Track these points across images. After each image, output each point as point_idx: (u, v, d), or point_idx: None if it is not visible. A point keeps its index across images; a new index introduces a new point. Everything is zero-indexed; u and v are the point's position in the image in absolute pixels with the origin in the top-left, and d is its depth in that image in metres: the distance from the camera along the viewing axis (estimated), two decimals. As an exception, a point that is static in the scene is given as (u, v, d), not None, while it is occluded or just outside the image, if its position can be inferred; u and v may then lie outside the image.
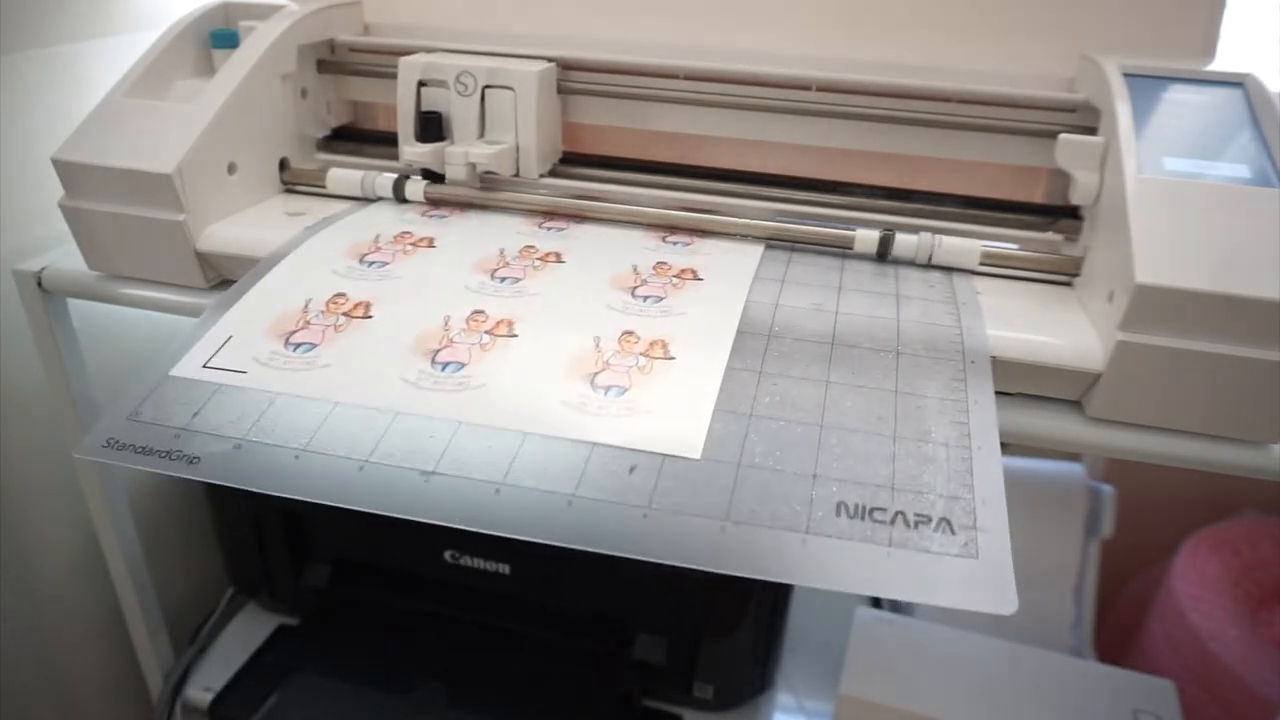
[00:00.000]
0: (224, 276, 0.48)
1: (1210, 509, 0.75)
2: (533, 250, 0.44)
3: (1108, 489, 0.63)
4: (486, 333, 0.38)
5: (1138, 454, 0.38)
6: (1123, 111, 0.41)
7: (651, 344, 0.37)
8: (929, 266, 0.46)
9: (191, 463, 0.34)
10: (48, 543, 0.61)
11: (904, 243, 0.46)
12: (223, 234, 0.47)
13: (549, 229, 0.48)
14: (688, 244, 0.47)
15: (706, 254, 0.46)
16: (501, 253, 0.44)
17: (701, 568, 0.29)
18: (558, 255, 0.44)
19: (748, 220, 0.48)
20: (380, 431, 0.34)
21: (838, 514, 0.30)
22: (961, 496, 0.31)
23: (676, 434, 0.33)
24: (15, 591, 0.59)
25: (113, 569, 0.60)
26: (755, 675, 0.63)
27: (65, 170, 0.46)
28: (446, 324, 0.39)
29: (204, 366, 0.38)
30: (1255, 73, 0.43)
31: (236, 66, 0.49)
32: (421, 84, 0.51)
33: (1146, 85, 0.43)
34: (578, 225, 0.49)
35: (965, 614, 0.28)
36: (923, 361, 0.37)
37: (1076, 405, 0.40)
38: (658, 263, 0.44)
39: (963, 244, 0.45)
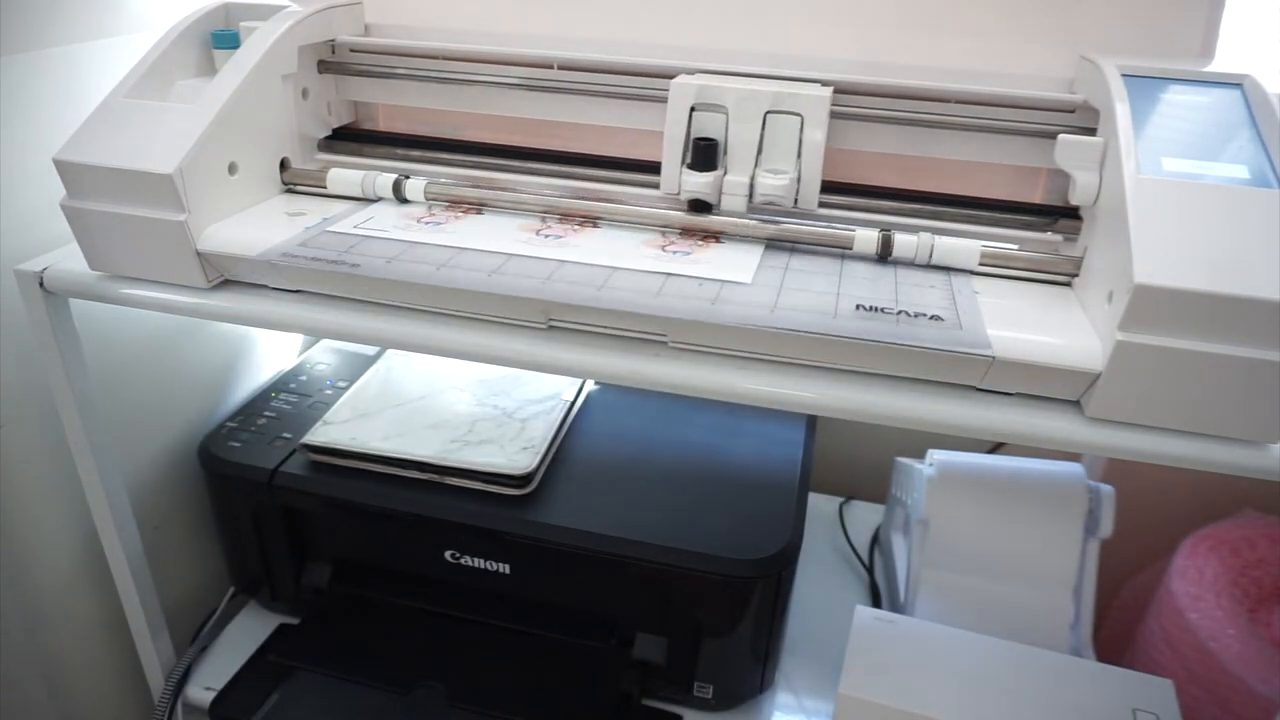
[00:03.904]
0: (225, 276, 0.48)
1: (1210, 509, 0.75)
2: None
3: (1107, 489, 0.63)
4: (576, 225, 0.50)
5: (1137, 454, 0.39)
6: (1122, 112, 0.42)
7: (706, 236, 0.49)
8: (929, 267, 0.46)
9: (354, 267, 0.44)
10: (48, 543, 0.61)
11: (903, 243, 0.46)
12: (223, 234, 0.47)
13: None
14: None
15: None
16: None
17: (761, 326, 0.40)
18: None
19: (746, 219, 0.49)
20: (501, 262, 0.45)
21: (856, 309, 0.41)
22: (947, 308, 0.42)
23: (731, 273, 0.45)
24: (15, 591, 0.59)
25: (113, 569, 0.60)
26: (755, 675, 0.63)
27: (67, 170, 0.46)
28: (544, 219, 0.51)
29: (355, 227, 0.49)
30: (1254, 73, 0.44)
31: (238, 67, 0.49)
32: (692, 109, 0.48)
33: (1145, 86, 0.43)
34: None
35: (965, 614, 0.28)
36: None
37: (1076, 405, 0.40)
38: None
39: (962, 244, 0.45)
